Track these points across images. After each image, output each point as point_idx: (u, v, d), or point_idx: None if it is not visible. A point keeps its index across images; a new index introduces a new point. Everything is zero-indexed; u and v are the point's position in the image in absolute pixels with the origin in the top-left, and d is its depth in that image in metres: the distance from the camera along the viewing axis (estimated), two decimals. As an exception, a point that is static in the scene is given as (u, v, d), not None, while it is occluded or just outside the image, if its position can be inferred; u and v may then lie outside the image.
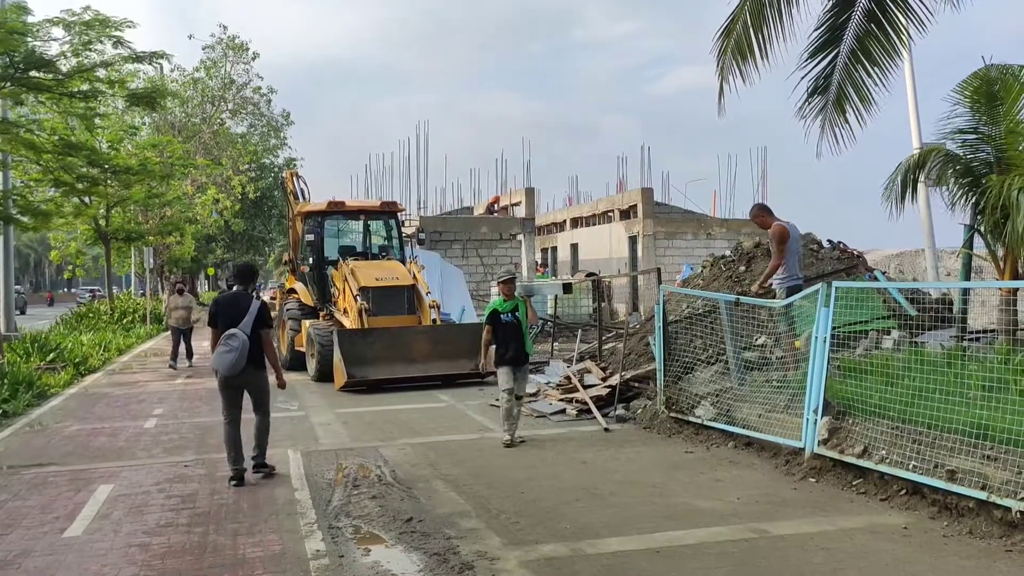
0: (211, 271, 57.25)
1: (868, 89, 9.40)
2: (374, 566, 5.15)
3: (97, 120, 22.55)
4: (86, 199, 25.06)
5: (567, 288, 16.70)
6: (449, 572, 4.99)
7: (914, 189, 8.87)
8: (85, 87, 17.81)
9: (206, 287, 69.73)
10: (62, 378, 14.61)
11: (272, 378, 7.70)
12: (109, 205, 26.23)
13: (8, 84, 15.92)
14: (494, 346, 8.87)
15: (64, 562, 5.36)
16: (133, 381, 15.40)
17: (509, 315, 8.76)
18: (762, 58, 9.23)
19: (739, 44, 9.27)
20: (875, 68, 9.36)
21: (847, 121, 9.53)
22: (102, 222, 26.65)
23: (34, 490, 7.24)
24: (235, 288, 7.82)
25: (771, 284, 8.95)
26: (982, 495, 5.31)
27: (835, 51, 9.48)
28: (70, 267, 35.97)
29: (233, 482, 7.22)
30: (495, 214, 33.88)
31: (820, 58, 9.55)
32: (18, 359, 15.26)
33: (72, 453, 8.86)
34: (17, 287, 57.66)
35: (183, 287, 18.98)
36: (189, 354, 17.63)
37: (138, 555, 5.46)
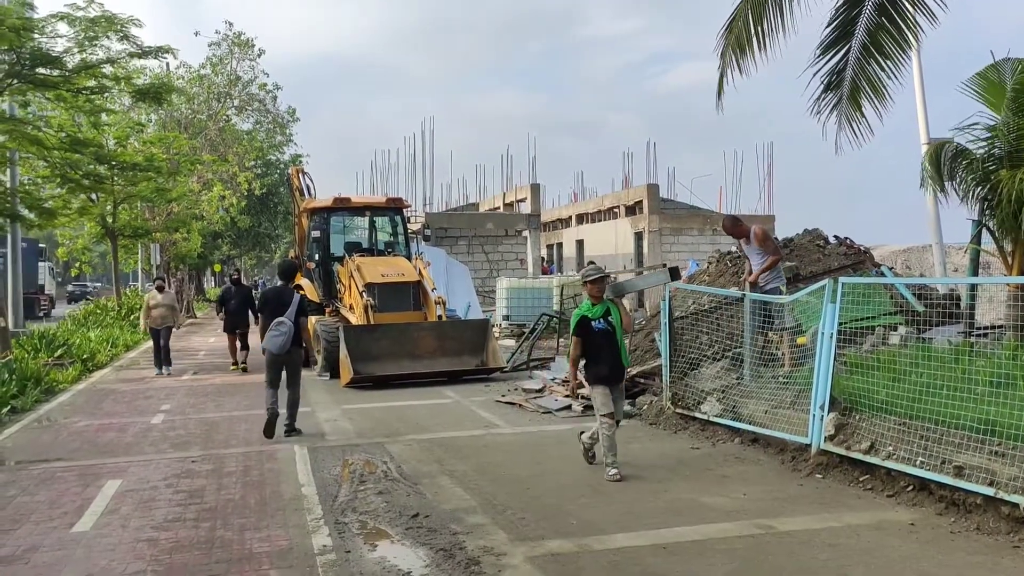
0: (217, 267, 57.39)
1: (882, 83, 9.37)
2: (380, 561, 5.16)
3: (104, 117, 22.57)
4: (93, 196, 25.12)
5: (675, 273, 11.83)
6: (455, 567, 5.00)
7: (939, 182, 8.79)
8: (91, 83, 17.79)
9: (212, 283, 69.92)
10: (70, 374, 14.68)
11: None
12: (116, 202, 26.29)
13: (15, 82, 15.93)
14: (583, 362, 7.35)
15: (72, 557, 5.39)
16: (140, 377, 15.45)
17: (601, 321, 7.19)
18: (760, 51, 9.21)
19: (739, 40, 9.25)
20: (887, 62, 9.32)
21: (864, 115, 9.49)
22: (109, 219, 26.71)
23: (42, 485, 7.28)
24: (279, 283, 9.70)
25: (762, 283, 9.05)
26: (990, 491, 5.29)
27: (847, 46, 9.43)
28: (77, 264, 36.08)
29: (268, 414, 8.91)
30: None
31: (832, 53, 9.51)
32: (26, 355, 15.32)
33: (80, 449, 8.90)
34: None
35: (164, 284, 17.75)
36: (167, 360, 15.80)
37: (146, 550, 5.49)
